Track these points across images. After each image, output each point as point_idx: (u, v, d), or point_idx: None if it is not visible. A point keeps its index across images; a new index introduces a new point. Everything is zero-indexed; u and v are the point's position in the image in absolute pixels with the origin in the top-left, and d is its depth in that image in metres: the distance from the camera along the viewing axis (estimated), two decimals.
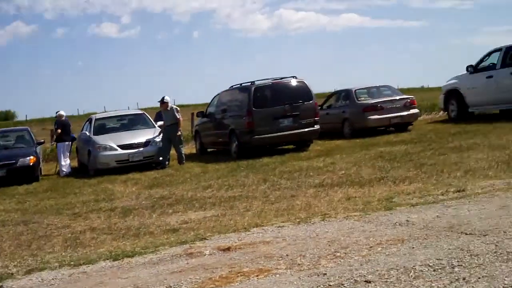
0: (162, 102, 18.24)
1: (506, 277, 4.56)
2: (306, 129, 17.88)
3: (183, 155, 18.22)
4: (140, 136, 18.46)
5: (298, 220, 8.00)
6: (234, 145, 18.12)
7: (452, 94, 21.23)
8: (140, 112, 21.69)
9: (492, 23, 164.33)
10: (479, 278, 4.63)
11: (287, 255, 6.16)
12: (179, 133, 18.14)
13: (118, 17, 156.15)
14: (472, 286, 4.48)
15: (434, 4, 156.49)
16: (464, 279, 4.66)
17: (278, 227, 7.72)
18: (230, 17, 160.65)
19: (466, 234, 6.02)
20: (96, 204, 11.96)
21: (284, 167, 14.18)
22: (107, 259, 7.05)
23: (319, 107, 19.88)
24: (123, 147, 17.81)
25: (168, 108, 18.21)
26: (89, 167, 18.43)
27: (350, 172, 11.96)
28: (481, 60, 20.29)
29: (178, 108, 18.63)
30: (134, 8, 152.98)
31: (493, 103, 19.58)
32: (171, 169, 17.07)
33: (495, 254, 5.16)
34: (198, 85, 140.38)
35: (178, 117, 18.03)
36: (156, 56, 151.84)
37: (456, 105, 21.07)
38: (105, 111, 39.01)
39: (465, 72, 20.62)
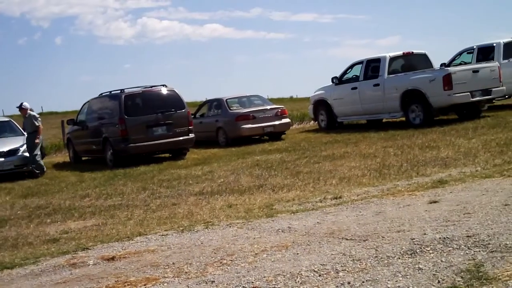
0: (21, 108, 17.64)
1: (388, 280, 4.79)
2: (181, 138, 17.94)
3: (41, 165, 17.40)
4: (9, 144, 17.77)
5: (181, 228, 8.02)
6: (109, 153, 17.89)
7: (321, 105, 21.99)
8: (6, 119, 20.88)
9: (352, 36, 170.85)
10: (363, 282, 4.84)
11: (173, 263, 6.18)
12: (37, 140, 17.37)
13: None
14: None
15: (295, 17, 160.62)
16: (349, 283, 4.85)
17: (162, 235, 7.71)
18: (93, 24, 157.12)
19: (347, 239, 6.24)
20: None
21: (162, 175, 14.16)
22: None
23: (192, 116, 19.98)
24: None
25: (26, 115, 17.55)
26: None
27: (229, 180, 12.11)
28: (345, 72, 21.19)
29: (37, 115, 17.90)
30: None
31: (359, 113, 20.47)
32: (46, 178, 16.59)
33: (376, 259, 5.39)
34: (66, 92, 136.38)
35: (37, 124, 17.36)
36: (18, 62, 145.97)
37: (325, 115, 21.85)
38: None
39: (331, 83, 21.40)
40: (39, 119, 17.68)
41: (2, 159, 17.10)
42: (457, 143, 13.02)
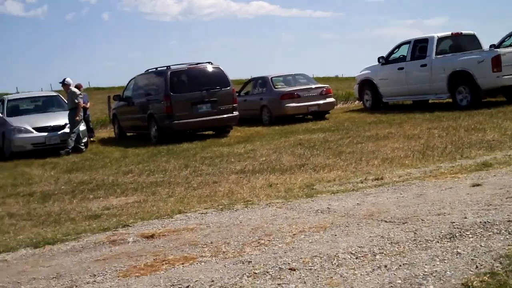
0: (63, 83, 17.77)
1: (425, 264, 4.73)
2: (225, 115, 17.97)
3: (72, 144, 17.09)
4: (56, 119, 17.99)
5: (221, 206, 8.05)
6: (153, 130, 18.04)
7: (366, 84, 21.80)
8: (54, 94, 21.20)
9: (399, 16, 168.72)
10: (400, 265, 4.79)
11: (211, 243, 6.19)
12: (77, 118, 17.24)
13: None
14: (394, 274, 4.62)
15: None
16: (385, 266, 4.81)
17: (202, 213, 7.74)
18: (140, 0, 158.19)
19: (386, 222, 6.18)
20: (14, 188, 11.70)
21: (205, 153, 14.21)
22: (28, 247, 6.92)
23: (237, 94, 19.99)
24: (39, 129, 17.37)
25: (68, 91, 17.57)
26: (4, 150, 17.92)
27: (270, 158, 12.10)
28: (392, 52, 20.92)
29: (78, 92, 17.73)
30: None
31: (404, 94, 20.23)
32: (90, 153, 16.82)
33: (414, 242, 5.33)
34: (112, 68, 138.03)
35: (76, 101, 17.23)
36: (66, 37, 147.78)
37: (370, 95, 21.66)
38: (18, 92, 37.85)
39: (377, 63, 21.17)
40: (81, 96, 17.67)
41: (48, 133, 17.35)
42: (504, 125, 12.78)
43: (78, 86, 19.06)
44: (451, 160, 9.68)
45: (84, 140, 17.59)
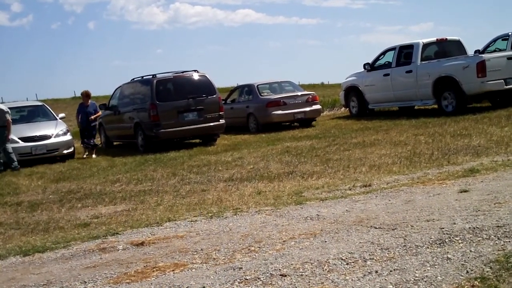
0: None
1: (416, 270, 4.76)
2: (212, 123, 17.98)
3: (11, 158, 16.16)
4: (42, 128, 18.00)
5: (210, 214, 8.06)
6: (140, 139, 18.04)
7: (352, 91, 21.89)
8: (40, 103, 21.13)
9: (385, 22, 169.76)
10: (390, 271, 4.82)
11: (201, 250, 6.21)
12: (7, 136, 16.20)
13: (8, 5, 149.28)
14: (385, 279, 4.65)
15: (327, 3, 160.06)
16: (376, 272, 4.84)
17: (191, 221, 7.75)
18: (125, 9, 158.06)
19: (376, 228, 6.22)
20: (1, 198, 11.65)
21: (192, 161, 14.22)
22: (17, 255, 6.93)
23: (223, 102, 20.03)
24: (25, 139, 17.30)
25: None
26: None
27: (258, 166, 12.12)
28: (377, 58, 21.02)
29: (6, 109, 16.53)
30: None
31: (390, 100, 20.33)
32: (77, 162, 16.78)
33: (404, 248, 5.37)
34: (98, 77, 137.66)
35: (5, 119, 16.15)
36: (51, 47, 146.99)
37: (356, 102, 21.74)
38: (3, 102, 37.64)
39: (363, 69, 21.28)
40: (8, 113, 16.48)
41: (35, 143, 17.28)
42: (489, 131, 12.87)
43: (87, 94, 19.15)
44: (438, 166, 9.74)
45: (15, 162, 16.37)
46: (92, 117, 18.83)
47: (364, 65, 21.16)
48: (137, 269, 5.76)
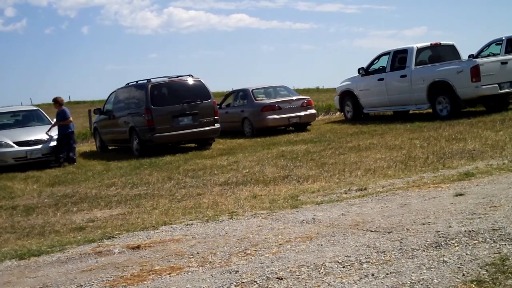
0: None
1: (412, 273, 4.77)
2: (207, 128, 17.97)
3: None
4: (37, 133, 17.96)
5: (206, 218, 8.06)
6: (135, 143, 18.03)
7: (347, 96, 21.90)
8: (34, 108, 21.14)
9: (378, 27, 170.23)
10: (387, 274, 4.83)
11: (197, 253, 6.21)
12: None
13: (1, 10, 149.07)
14: (381, 282, 4.66)
15: (321, 8, 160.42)
16: (373, 275, 4.85)
17: (187, 225, 7.76)
18: (119, 14, 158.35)
19: (372, 231, 6.23)
20: None
21: (187, 165, 14.21)
22: (13, 258, 6.92)
23: (218, 106, 20.03)
24: (20, 143, 17.29)
25: None
26: None
27: (254, 170, 12.12)
28: (371, 63, 21.06)
29: None
30: (17, 1, 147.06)
31: (385, 105, 20.36)
32: (72, 167, 16.75)
33: (400, 251, 5.38)
34: (93, 82, 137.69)
35: None
36: (45, 51, 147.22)
37: (351, 106, 21.75)
38: None
39: (357, 74, 21.32)
40: None
41: (30, 147, 17.27)
42: (484, 135, 12.91)
43: (59, 100, 18.39)
44: (434, 170, 9.76)
45: None
46: (49, 126, 17.95)
47: (359, 69, 21.19)
48: (133, 273, 5.76)
